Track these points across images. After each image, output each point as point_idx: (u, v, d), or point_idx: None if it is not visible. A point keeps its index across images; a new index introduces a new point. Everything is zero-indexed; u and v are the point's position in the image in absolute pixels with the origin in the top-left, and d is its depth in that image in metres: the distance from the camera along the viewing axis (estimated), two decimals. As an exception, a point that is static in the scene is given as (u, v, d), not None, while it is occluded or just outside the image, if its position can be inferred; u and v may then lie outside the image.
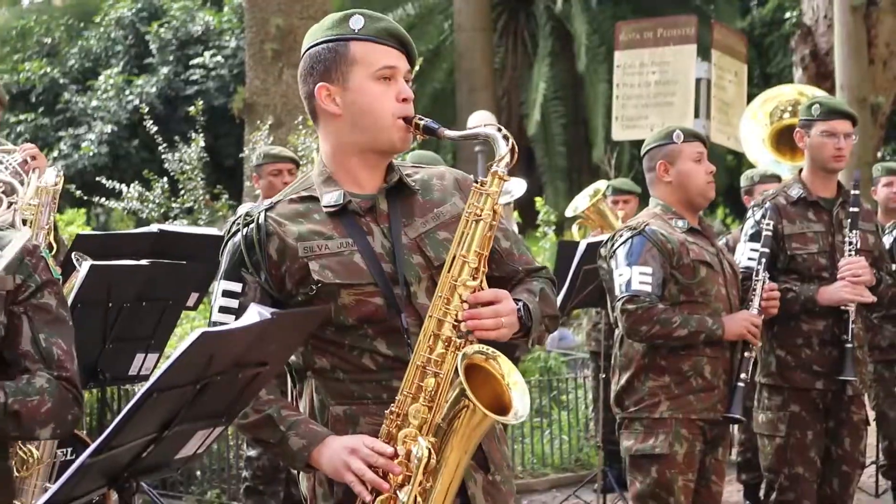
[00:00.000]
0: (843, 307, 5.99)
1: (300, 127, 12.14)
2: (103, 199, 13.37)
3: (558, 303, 4.89)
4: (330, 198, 3.24)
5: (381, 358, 3.22)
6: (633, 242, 5.53)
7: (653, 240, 5.47)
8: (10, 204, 5.60)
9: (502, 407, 3.06)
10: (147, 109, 13.30)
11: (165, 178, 12.58)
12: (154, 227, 7.50)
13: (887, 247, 6.45)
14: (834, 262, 6.07)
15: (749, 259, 5.98)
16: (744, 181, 9.33)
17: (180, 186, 12.37)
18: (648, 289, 5.41)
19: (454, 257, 3.11)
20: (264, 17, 13.68)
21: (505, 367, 3.08)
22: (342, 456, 3.07)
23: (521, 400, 3.05)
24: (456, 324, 3.09)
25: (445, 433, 3.05)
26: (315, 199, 3.27)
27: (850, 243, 6.07)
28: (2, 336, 3.16)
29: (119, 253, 5.41)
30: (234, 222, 3.32)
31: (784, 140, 6.65)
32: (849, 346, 6.00)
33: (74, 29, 27.99)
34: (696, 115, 11.99)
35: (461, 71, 23.56)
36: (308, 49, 3.31)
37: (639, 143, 13.61)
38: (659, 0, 22.41)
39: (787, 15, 26.26)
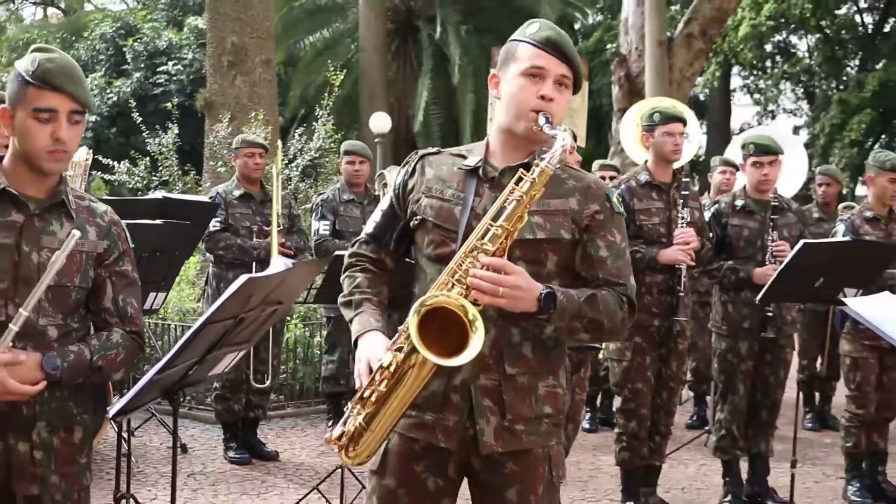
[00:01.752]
0: (676, 265, 6.04)
1: (252, 121, 12.03)
2: (95, 173, 13.26)
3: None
4: (471, 160, 3.07)
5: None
6: None
7: None
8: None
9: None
10: (126, 104, 13.16)
11: (148, 158, 12.42)
12: (159, 195, 7.37)
13: (707, 220, 6.48)
14: (670, 231, 6.12)
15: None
16: (593, 168, 9.47)
17: (159, 164, 12.19)
18: None
19: (486, 226, 2.86)
20: (222, 35, 13.54)
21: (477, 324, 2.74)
22: (359, 352, 2.92)
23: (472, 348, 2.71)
24: (464, 277, 2.82)
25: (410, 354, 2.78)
26: (463, 157, 3.10)
27: (682, 218, 6.13)
28: (89, 289, 3.10)
29: (132, 215, 5.26)
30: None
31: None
32: (681, 294, 6.06)
33: (67, 41, 27.81)
34: (549, 118, 12.02)
35: (364, 82, 23.47)
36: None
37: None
38: (513, 31, 22.39)
39: (608, 46, 26.51)
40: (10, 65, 26.75)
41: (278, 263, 2.78)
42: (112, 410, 3.13)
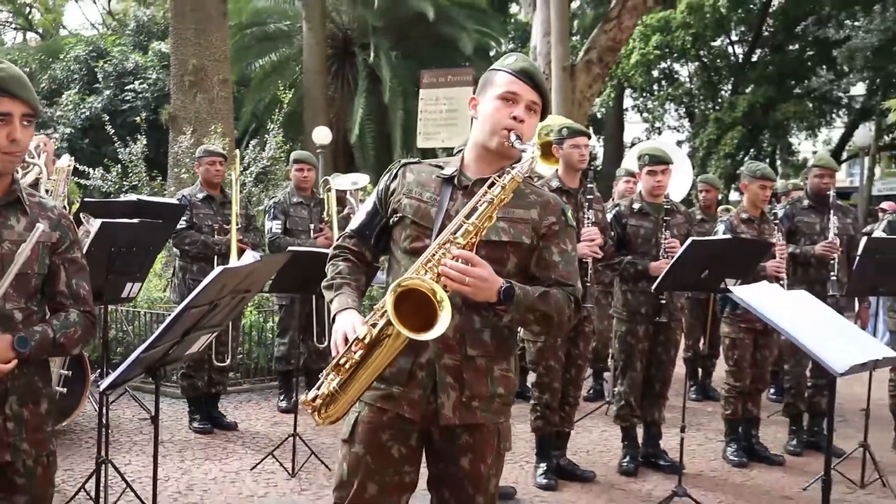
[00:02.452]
0: (583, 259, 6.06)
1: (211, 133, 11.89)
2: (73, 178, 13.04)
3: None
4: (448, 170, 3.08)
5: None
6: None
7: None
8: (26, 173, 5.38)
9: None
10: (98, 118, 12.96)
11: (119, 165, 12.23)
12: (134, 197, 7.27)
13: (609, 221, 6.53)
14: (578, 229, 6.14)
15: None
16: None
17: (129, 171, 12.01)
18: None
19: (460, 223, 2.89)
20: (184, 58, 13.37)
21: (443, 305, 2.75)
22: (336, 325, 2.91)
23: (441, 324, 2.71)
24: (436, 266, 2.84)
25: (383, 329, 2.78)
26: (441, 167, 3.11)
27: (588, 219, 6.17)
28: (45, 275, 3.05)
29: (110, 215, 5.22)
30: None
31: (545, 150, 6.68)
32: (587, 284, 6.08)
33: (44, 62, 27.34)
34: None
35: (307, 99, 23.26)
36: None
37: (429, 149, 13.70)
38: (438, 57, 22.59)
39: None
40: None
41: (248, 256, 2.76)
42: (103, 384, 3.08)
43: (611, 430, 7.48)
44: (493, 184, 2.92)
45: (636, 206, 6.64)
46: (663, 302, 6.45)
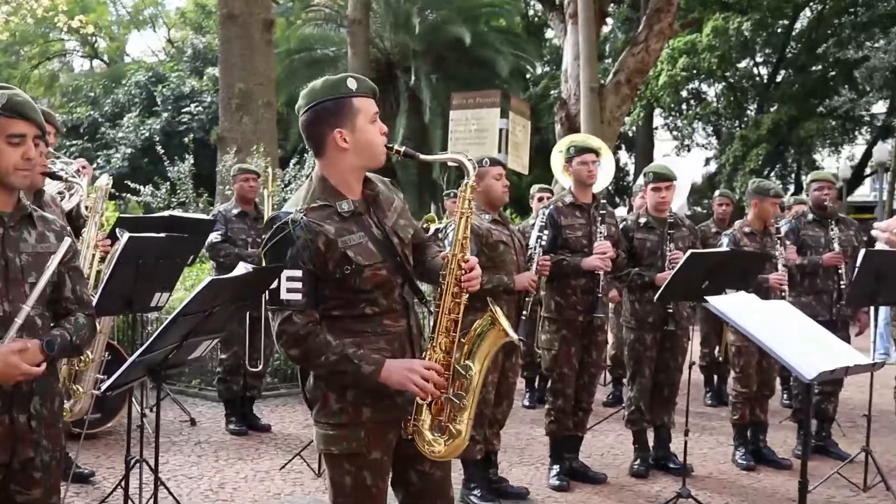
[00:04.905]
0: (596, 272, 6.07)
1: (255, 154, 12.00)
2: (127, 195, 13.24)
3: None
4: (345, 205, 3.07)
5: (377, 307, 3.09)
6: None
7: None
8: (71, 195, 5.47)
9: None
10: (156, 139, 13.15)
11: (168, 183, 12.37)
12: (166, 214, 7.37)
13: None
14: (591, 243, 6.12)
15: (536, 240, 6.04)
16: (532, 191, 9.45)
17: (177, 188, 12.16)
18: None
19: (455, 240, 3.11)
20: (231, 82, 13.52)
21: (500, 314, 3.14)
22: (405, 374, 2.99)
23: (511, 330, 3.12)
24: (458, 283, 3.09)
25: (476, 354, 3.10)
26: (329, 206, 3.07)
27: (601, 233, 6.15)
28: (55, 283, 3.08)
29: (145, 229, 5.27)
30: (278, 225, 3.02)
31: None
32: (600, 295, 6.11)
33: (108, 87, 27.84)
34: (499, 151, 11.99)
35: (352, 120, 23.32)
36: (314, 105, 3.10)
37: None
38: (475, 79, 22.61)
39: (551, 92, 26.58)
40: (63, 106, 26.84)
41: (240, 268, 2.79)
42: (104, 386, 3.13)
43: (625, 434, 7.41)
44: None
45: (642, 220, 6.60)
46: (670, 311, 6.40)
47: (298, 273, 2.99)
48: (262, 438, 7.51)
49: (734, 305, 3.40)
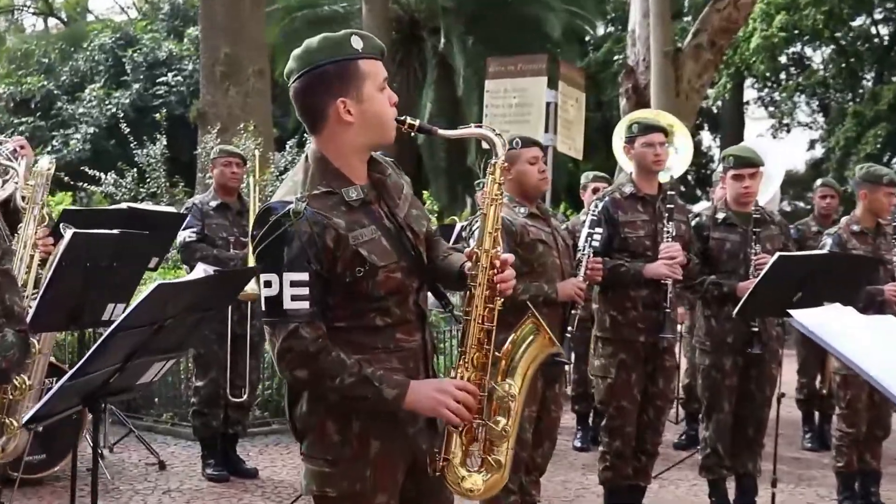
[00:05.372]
0: (662, 281, 6.03)
1: (241, 132, 12.05)
2: (86, 185, 13.29)
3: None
4: (353, 192, 3.05)
5: (389, 318, 3.07)
6: None
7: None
8: (5, 182, 5.49)
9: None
10: (122, 116, 13.25)
11: (135, 170, 12.46)
12: (124, 206, 7.39)
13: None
14: (656, 244, 6.10)
15: (586, 239, 6.01)
16: (582, 180, 9.41)
17: (147, 176, 12.24)
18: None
19: (483, 233, 3.11)
20: (216, 45, 13.59)
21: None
22: (435, 396, 3.00)
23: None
24: (491, 284, 3.09)
25: (516, 370, 3.18)
26: (335, 193, 3.03)
27: (668, 232, 6.10)
28: None
29: (98, 225, 5.31)
30: (275, 218, 2.96)
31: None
32: (667, 310, 6.06)
33: (66, 52, 28.00)
34: (546, 131, 11.96)
35: (369, 93, 23.40)
36: (311, 69, 3.04)
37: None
38: (519, 42, 22.51)
39: (616, 57, 26.51)
40: (9, 76, 27.07)
41: (198, 270, 2.78)
42: (24, 418, 3.13)
43: (700, 483, 7.37)
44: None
45: (720, 216, 6.55)
46: (755, 330, 6.34)
47: (304, 276, 2.94)
48: (246, 486, 7.53)
49: (828, 321, 3.30)
